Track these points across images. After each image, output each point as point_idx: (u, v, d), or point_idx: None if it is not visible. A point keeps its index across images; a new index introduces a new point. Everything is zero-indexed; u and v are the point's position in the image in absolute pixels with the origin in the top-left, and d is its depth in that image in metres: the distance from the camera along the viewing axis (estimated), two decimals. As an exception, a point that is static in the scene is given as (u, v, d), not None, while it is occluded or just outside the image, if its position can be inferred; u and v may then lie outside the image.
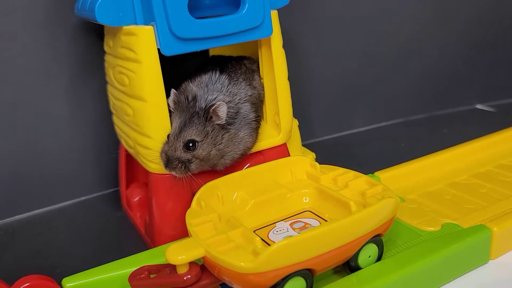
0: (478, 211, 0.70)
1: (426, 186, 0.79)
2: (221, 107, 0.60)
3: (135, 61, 0.61)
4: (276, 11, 0.68)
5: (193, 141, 0.60)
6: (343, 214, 0.59)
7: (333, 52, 1.05)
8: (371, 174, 0.78)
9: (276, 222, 0.62)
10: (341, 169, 0.67)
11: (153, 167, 0.65)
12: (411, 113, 1.18)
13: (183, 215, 0.65)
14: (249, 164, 0.69)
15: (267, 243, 0.56)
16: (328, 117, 1.09)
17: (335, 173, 0.66)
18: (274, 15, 0.67)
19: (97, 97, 0.84)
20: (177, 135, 0.60)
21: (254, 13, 0.63)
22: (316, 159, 0.80)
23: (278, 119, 0.71)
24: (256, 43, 0.70)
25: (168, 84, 0.64)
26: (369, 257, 0.57)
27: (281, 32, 0.69)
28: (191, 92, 0.64)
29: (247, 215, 0.61)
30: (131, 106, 0.64)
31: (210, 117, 0.61)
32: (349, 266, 0.57)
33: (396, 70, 1.13)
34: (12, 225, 0.81)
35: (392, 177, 0.78)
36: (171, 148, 0.60)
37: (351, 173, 0.66)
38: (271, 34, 0.66)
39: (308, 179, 0.68)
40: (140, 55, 0.60)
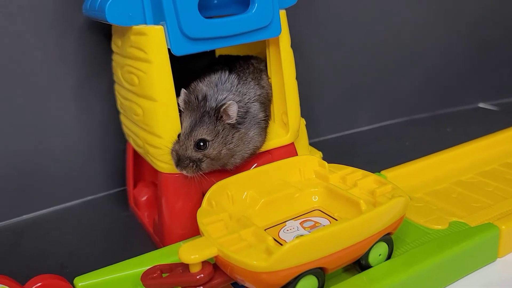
0: (484, 209, 0.71)
1: (433, 184, 0.79)
2: (231, 107, 0.61)
3: (145, 60, 0.62)
4: (284, 11, 0.68)
5: (204, 140, 0.60)
6: (353, 213, 0.60)
7: (337, 51, 1.05)
8: (378, 173, 0.79)
9: (286, 221, 0.62)
10: (349, 168, 0.68)
11: (163, 166, 0.65)
12: (414, 112, 1.19)
13: (192, 214, 0.65)
14: (257, 164, 0.69)
15: (278, 242, 0.57)
16: (333, 116, 1.09)
17: (343, 172, 0.67)
18: (283, 14, 0.67)
19: (104, 96, 0.84)
20: (188, 134, 0.61)
21: (264, 12, 0.63)
22: (323, 158, 0.80)
23: (286, 118, 0.71)
24: (263, 42, 0.71)
25: (174, 83, 0.64)
26: (380, 255, 0.58)
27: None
28: (201, 91, 0.64)
29: (257, 214, 0.61)
30: (141, 106, 0.65)
31: (220, 116, 0.61)
32: (360, 265, 0.57)
33: (400, 69, 1.13)
34: (20, 225, 0.81)
35: (399, 176, 0.79)
36: (182, 147, 0.60)
37: (359, 172, 0.67)
38: (280, 33, 0.66)
39: (317, 178, 0.68)
40: (151, 55, 0.61)
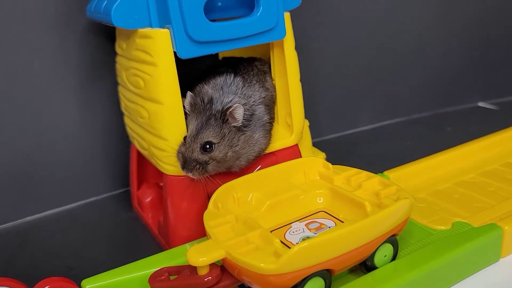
0: (487, 210, 0.71)
1: (435, 185, 0.80)
2: (237, 109, 0.61)
3: (151, 64, 0.62)
4: (289, 13, 0.69)
5: (210, 142, 0.61)
6: (358, 214, 0.60)
7: (337, 51, 1.06)
8: (381, 173, 0.79)
9: (291, 223, 0.62)
10: (353, 170, 0.68)
11: (168, 169, 0.65)
12: (414, 112, 1.19)
13: (198, 216, 0.66)
14: (261, 165, 0.70)
15: (285, 244, 0.57)
16: (333, 116, 1.10)
17: (348, 173, 0.67)
18: (287, 17, 0.68)
19: (107, 98, 0.84)
20: (194, 136, 0.61)
21: (269, 15, 0.64)
22: (325, 159, 0.80)
23: (290, 120, 0.72)
24: (266, 44, 0.71)
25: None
26: (385, 256, 0.58)
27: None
28: (206, 94, 0.64)
29: (263, 216, 0.62)
30: (146, 109, 0.65)
31: (226, 119, 0.62)
32: (365, 266, 0.58)
33: (400, 69, 1.14)
34: (24, 227, 0.81)
35: (401, 176, 0.79)
36: (188, 150, 0.61)
37: (363, 173, 0.67)
38: (285, 36, 0.67)
39: (321, 179, 0.68)
40: (156, 58, 0.61)
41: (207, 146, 0.61)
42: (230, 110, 0.61)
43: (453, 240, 0.62)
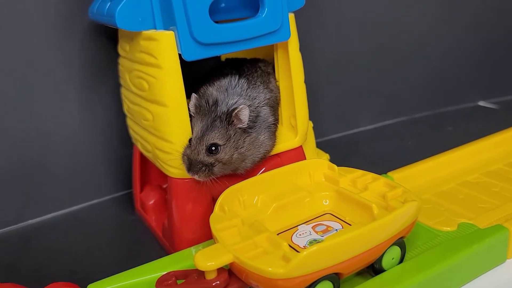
0: (492, 211, 0.71)
1: (439, 185, 0.79)
2: (243, 111, 0.61)
3: (155, 66, 0.61)
4: (293, 14, 0.68)
5: (215, 144, 0.60)
6: (365, 217, 0.60)
7: (338, 52, 1.05)
8: (385, 174, 0.79)
9: (298, 225, 0.62)
10: (359, 171, 0.68)
11: (173, 171, 0.65)
12: (415, 111, 1.19)
13: (203, 218, 0.65)
14: (266, 167, 0.69)
15: (292, 248, 0.57)
16: (334, 116, 1.09)
17: (353, 175, 0.67)
18: (291, 18, 0.67)
19: (108, 99, 0.83)
20: (199, 139, 0.60)
21: (274, 16, 0.63)
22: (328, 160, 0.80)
23: (294, 121, 0.71)
24: (269, 45, 0.70)
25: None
26: (393, 259, 0.58)
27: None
28: (211, 96, 0.64)
29: (269, 219, 0.61)
30: (151, 111, 0.64)
31: (232, 121, 0.61)
32: (373, 268, 0.57)
33: (400, 69, 1.14)
34: (26, 230, 0.80)
35: (405, 177, 0.79)
36: (193, 152, 0.60)
37: (369, 175, 0.67)
38: (289, 37, 0.66)
39: (327, 181, 0.68)
40: (161, 60, 0.60)
41: (213, 148, 0.60)
42: (236, 111, 0.61)
43: (460, 242, 0.62)
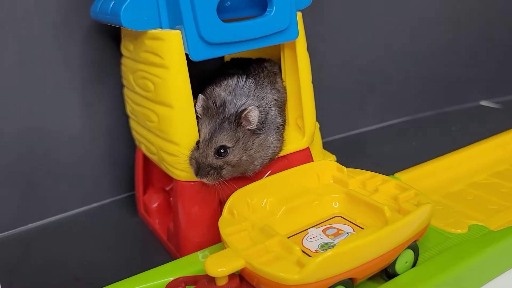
0: (502, 212, 0.70)
1: (447, 186, 0.78)
2: (253, 112, 0.59)
3: (161, 66, 0.60)
4: (301, 13, 0.67)
5: (224, 147, 0.59)
6: (377, 219, 0.59)
7: (340, 51, 1.04)
8: (392, 175, 0.78)
9: (308, 229, 0.61)
10: (368, 173, 0.67)
11: (179, 174, 0.63)
12: (417, 111, 1.18)
13: (210, 222, 0.64)
14: (272, 169, 0.68)
15: (304, 252, 0.55)
16: (337, 116, 1.08)
17: (363, 177, 0.66)
18: (299, 17, 0.66)
19: (110, 100, 0.82)
20: (207, 141, 0.59)
21: (282, 15, 0.62)
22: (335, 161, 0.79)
23: (301, 122, 0.70)
24: (276, 45, 0.69)
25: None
26: (406, 262, 0.57)
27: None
28: (218, 97, 0.63)
29: (278, 222, 0.60)
30: (156, 113, 0.63)
31: (240, 122, 0.60)
32: (386, 273, 0.56)
33: (402, 68, 1.13)
34: (26, 234, 0.78)
35: (413, 178, 0.78)
36: (202, 155, 0.59)
37: (379, 176, 0.66)
38: (298, 36, 0.65)
39: (335, 183, 0.67)
40: (167, 60, 0.59)
41: (222, 151, 0.59)
42: (245, 113, 0.59)
43: (473, 244, 0.61)
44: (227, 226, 0.56)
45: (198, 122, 0.62)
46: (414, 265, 0.58)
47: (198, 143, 0.60)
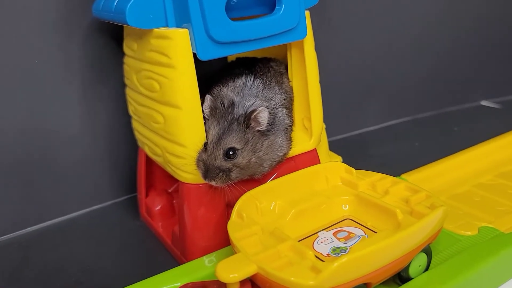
0: (511, 214, 0.69)
1: (453, 187, 0.77)
2: (262, 113, 0.58)
3: (168, 66, 0.58)
4: (309, 12, 0.65)
5: (233, 149, 0.57)
6: (388, 222, 0.58)
7: (341, 51, 1.03)
8: (399, 176, 0.77)
9: (318, 232, 0.60)
10: (377, 174, 0.65)
11: (185, 176, 0.62)
12: (417, 111, 1.18)
13: (217, 225, 0.63)
14: (279, 172, 0.66)
15: (317, 257, 0.54)
16: (338, 116, 1.07)
17: (372, 178, 0.64)
18: (307, 15, 0.65)
19: (111, 101, 0.80)
20: (216, 143, 0.57)
21: (291, 13, 0.61)
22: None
23: (308, 123, 0.69)
24: (282, 44, 0.68)
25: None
26: (419, 266, 0.56)
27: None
28: (226, 97, 0.61)
29: (288, 226, 0.59)
30: (162, 114, 0.61)
31: (250, 123, 0.58)
32: (400, 277, 0.55)
33: (403, 68, 1.12)
34: (25, 238, 0.76)
35: (419, 179, 0.77)
36: (210, 157, 0.57)
37: (389, 178, 0.65)
38: (306, 35, 0.63)
39: (344, 185, 0.65)
40: (175, 59, 0.57)
41: (231, 153, 0.57)
42: (255, 114, 0.58)
43: (486, 247, 0.60)
44: (237, 230, 0.54)
45: (205, 123, 0.60)
46: (427, 268, 0.57)
47: (205, 144, 0.59)
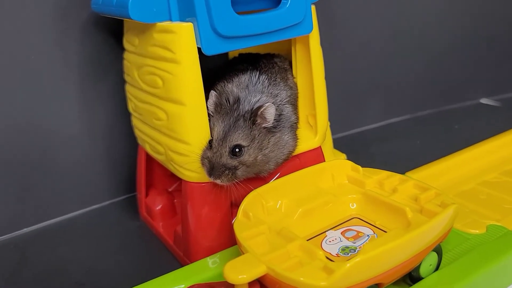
0: (519, 211, 0.69)
1: (459, 185, 0.77)
2: (269, 109, 0.56)
3: (172, 61, 0.56)
4: (314, 6, 0.64)
5: (239, 146, 0.56)
6: (397, 221, 0.56)
7: (341, 50, 1.02)
8: (404, 175, 0.75)
9: (325, 231, 0.58)
10: (384, 172, 0.64)
11: (189, 175, 0.60)
12: (418, 109, 1.17)
13: (221, 225, 0.61)
14: (284, 170, 0.65)
15: (326, 257, 0.53)
16: (338, 114, 1.06)
17: (379, 176, 0.63)
18: (313, 10, 0.63)
19: (110, 98, 0.78)
20: (221, 140, 0.56)
21: (297, 8, 0.59)
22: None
23: (313, 120, 0.68)
24: (285, 39, 0.66)
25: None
26: (430, 265, 0.54)
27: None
28: (232, 93, 0.59)
29: (295, 225, 0.57)
30: (165, 110, 0.59)
31: (256, 120, 0.57)
32: (411, 276, 0.54)
33: (403, 67, 1.11)
34: (23, 239, 0.74)
35: (425, 177, 0.75)
36: (215, 155, 0.56)
37: (396, 176, 0.63)
38: (312, 30, 0.62)
39: (351, 183, 0.64)
40: (179, 54, 0.55)
41: (237, 150, 0.56)
42: (262, 110, 0.56)
43: (496, 246, 0.59)
44: (243, 230, 0.53)
45: (210, 120, 0.59)
46: (437, 268, 0.56)
47: (210, 142, 0.57)
